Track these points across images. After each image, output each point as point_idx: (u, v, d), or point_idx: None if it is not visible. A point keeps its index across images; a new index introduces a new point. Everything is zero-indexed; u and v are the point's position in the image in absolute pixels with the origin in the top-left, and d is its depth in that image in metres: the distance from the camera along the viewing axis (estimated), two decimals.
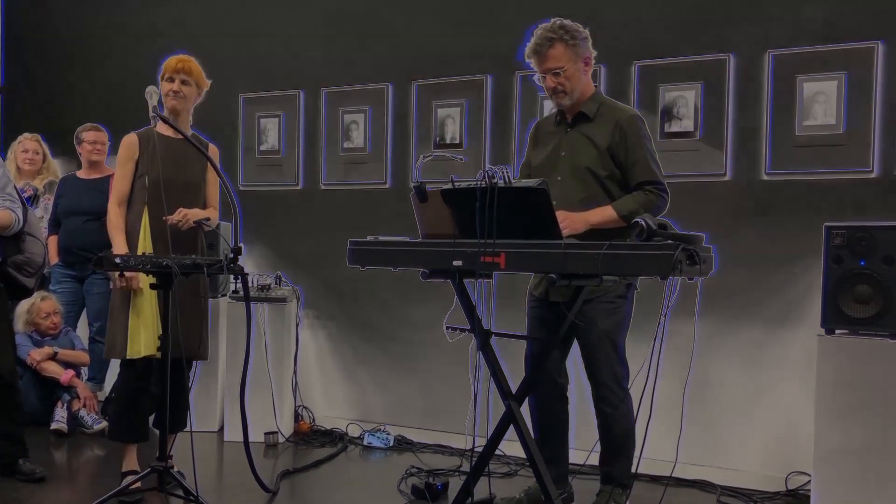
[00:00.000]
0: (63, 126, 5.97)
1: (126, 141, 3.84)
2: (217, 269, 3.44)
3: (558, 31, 3.40)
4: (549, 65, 3.42)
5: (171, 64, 3.86)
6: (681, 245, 2.63)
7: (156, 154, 3.77)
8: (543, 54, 3.42)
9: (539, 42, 3.42)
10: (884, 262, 3.45)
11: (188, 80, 3.83)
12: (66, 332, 5.28)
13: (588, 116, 3.48)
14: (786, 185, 4.14)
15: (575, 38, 3.41)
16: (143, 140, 3.84)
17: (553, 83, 3.44)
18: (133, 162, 3.81)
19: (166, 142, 3.81)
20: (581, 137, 3.48)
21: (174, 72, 3.83)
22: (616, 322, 3.47)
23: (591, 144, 3.45)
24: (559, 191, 3.43)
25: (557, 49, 3.40)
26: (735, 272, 4.14)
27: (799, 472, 3.97)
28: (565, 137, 3.54)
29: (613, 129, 3.42)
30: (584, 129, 3.49)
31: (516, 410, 3.19)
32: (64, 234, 5.23)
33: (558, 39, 3.39)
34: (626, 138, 3.41)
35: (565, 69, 3.41)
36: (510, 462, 4.38)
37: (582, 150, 3.47)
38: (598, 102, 3.51)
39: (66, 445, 4.79)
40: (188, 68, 3.86)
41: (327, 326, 5.36)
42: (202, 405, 4.97)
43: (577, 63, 3.42)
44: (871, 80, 3.94)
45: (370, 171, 5.23)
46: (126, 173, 3.80)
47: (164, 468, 3.48)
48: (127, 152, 3.81)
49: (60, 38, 6.45)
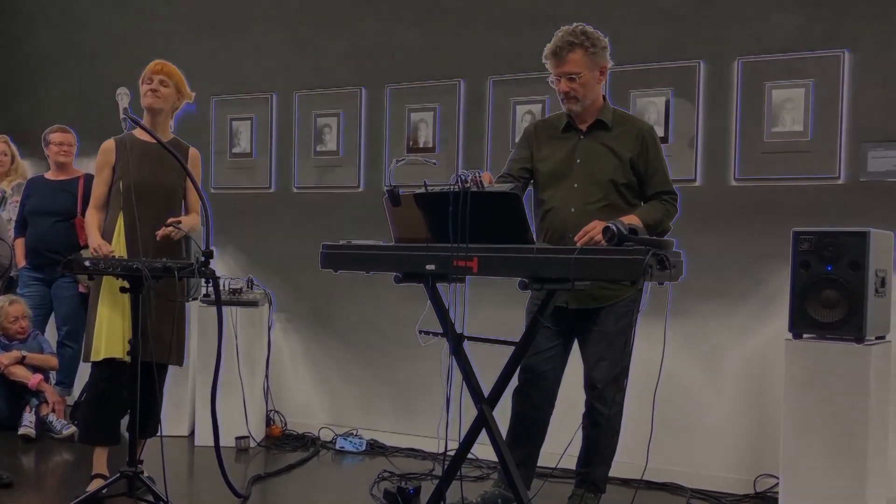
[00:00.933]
0: (32, 127, 5.91)
1: (103, 147, 3.82)
2: (188, 273, 3.41)
3: (580, 36, 3.39)
4: (566, 69, 3.41)
5: (150, 67, 3.85)
6: (651, 250, 2.66)
7: (132, 160, 3.74)
8: (562, 58, 3.40)
9: (559, 45, 3.41)
10: (850, 268, 3.49)
11: (166, 82, 3.80)
12: (34, 335, 5.22)
13: (606, 125, 3.49)
14: (754, 190, 4.19)
15: (595, 46, 3.41)
16: (119, 145, 3.81)
17: (567, 88, 3.42)
18: (110, 168, 3.79)
19: (143, 146, 3.78)
20: (599, 146, 3.49)
21: (153, 73, 3.81)
22: (625, 326, 3.47)
23: (612, 154, 3.47)
24: (576, 197, 3.46)
25: (577, 54, 3.39)
26: (704, 277, 4.18)
27: (767, 475, 4.02)
28: (580, 145, 3.52)
29: (636, 140, 3.45)
30: (601, 139, 3.49)
31: (488, 414, 3.20)
32: (32, 235, 5.17)
33: (579, 45, 3.38)
34: (648, 150, 3.46)
35: (581, 76, 3.40)
36: (482, 465, 4.39)
37: (602, 160, 3.47)
38: (612, 112, 3.54)
39: (34, 450, 4.73)
40: (167, 70, 3.84)
41: (299, 330, 5.34)
42: (172, 409, 4.93)
43: (593, 71, 3.43)
44: (837, 88, 4.00)
45: (343, 175, 5.23)
46: (104, 179, 3.79)
47: (133, 473, 3.45)
48: (103, 158, 3.80)
49: (28, 40, 6.38)
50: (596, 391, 3.49)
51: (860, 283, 3.47)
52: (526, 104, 4.65)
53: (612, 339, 3.46)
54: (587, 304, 3.46)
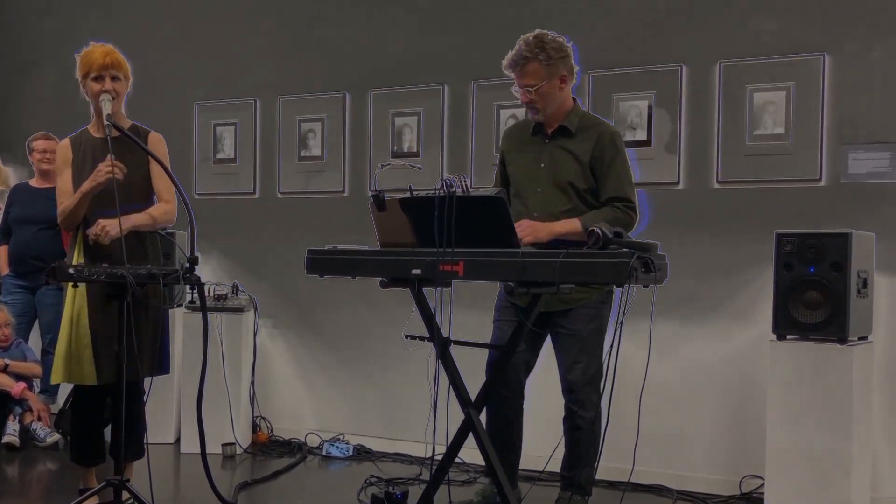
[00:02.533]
0: (15, 135, 5.88)
1: (59, 146, 3.69)
2: (173, 280, 3.39)
3: (535, 49, 3.42)
4: (524, 81, 3.45)
5: (96, 59, 3.50)
6: (636, 253, 2.68)
7: (86, 160, 3.57)
8: (520, 69, 3.45)
9: (515, 58, 3.45)
10: (832, 269, 3.52)
11: (118, 75, 3.52)
12: (17, 343, 5.18)
13: (570, 131, 3.51)
14: (737, 193, 4.22)
15: (550, 58, 3.42)
16: (74, 145, 3.64)
17: (527, 98, 3.47)
18: (69, 166, 3.61)
19: (96, 144, 3.59)
20: (562, 151, 3.51)
21: (102, 68, 3.49)
22: (597, 328, 3.51)
23: (573, 158, 3.49)
24: (540, 202, 3.48)
25: (533, 66, 3.42)
26: (688, 279, 4.21)
27: (753, 476, 4.04)
28: (545, 149, 3.56)
29: (595, 144, 3.46)
30: (564, 143, 3.52)
31: (475, 418, 3.20)
32: (15, 243, 5.14)
33: (533, 59, 3.41)
34: (604, 153, 3.46)
35: (538, 87, 3.43)
36: (469, 469, 4.39)
37: (564, 164, 3.50)
38: (579, 116, 3.54)
39: (18, 460, 4.70)
40: (117, 61, 3.52)
41: (285, 336, 5.33)
42: (158, 417, 4.91)
43: (551, 81, 3.44)
44: (818, 91, 4.04)
45: (328, 180, 5.23)
46: (66, 177, 3.60)
47: (119, 482, 3.43)
48: (62, 157, 3.63)
49: (9, 46, 6.35)
50: (573, 395, 3.51)
51: (843, 284, 3.50)
52: (510, 108, 4.66)
53: (584, 342, 3.48)
54: (555, 307, 3.47)
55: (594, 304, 3.47)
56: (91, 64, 3.50)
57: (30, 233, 5.09)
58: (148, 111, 5.36)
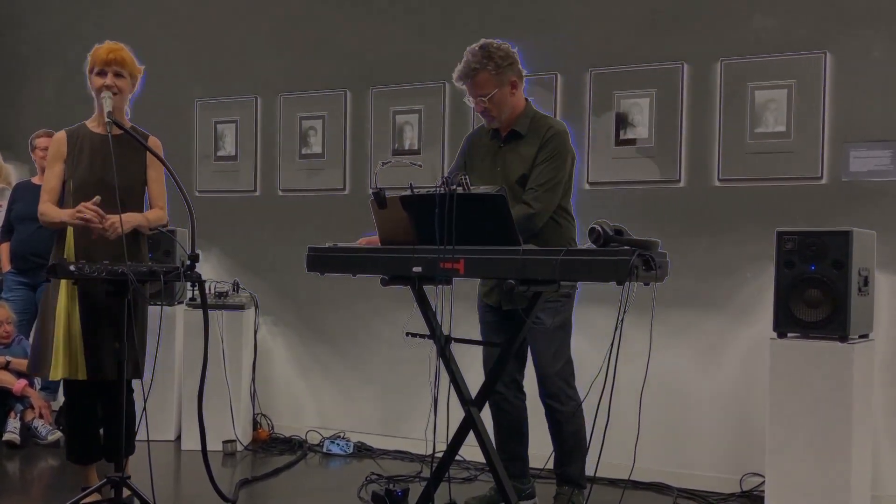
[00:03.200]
0: (16, 132, 5.88)
1: (55, 138, 3.64)
2: (174, 277, 3.39)
3: (482, 60, 3.47)
4: (476, 91, 3.51)
5: (100, 55, 3.48)
6: (637, 251, 2.68)
7: (83, 155, 3.54)
8: (470, 81, 3.51)
9: (465, 70, 3.51)
10: (833, 267, 3.52)
11: (122, 73, 3.50)
12: (18, 340, 5.18)
13: (520, 134, 3.57)
14: (737, 191, 4.22)
15: (499, 66, 3.48)
16: (71, 138, 3.58)
17: (481, 107, 3.54)
18: (62, 161, 3.56)
19: (94, 140, 3.56)
20: (513, 154, 3.58)
21: (105, 64, 3.46)
22: (562, 321, 3.59)
23: (522, 160, 3.54)
24: None
25: (482, 76, 3.48)
26: (689, 277, 4.20)
27: (753, 474, 4.04)
28: (499, 153, 3.62)
29: (540, 143, 3.51)
30: (515, 146, 3.58)
31: (475, 416, 3.21)
32: (17, 240, 5.15)
33: (482, 69, 3.47)
34: (542, 150, 3.50)
35: (490, 95, 3.48)
36: (470, 467, 4.39)
37: (514, 167, 3.55)
38: (529, 118, 3.59)
39: (19, 457, 4.70)
40: (121, 58, 3.49)
41: (285, 333, 5.33)
42: (158, 414, 4.90)
43: (503, 87, 3.50)
44: (819, 89, 4.03)
45: (328, 178, 5.22)
46: (56, 173, 3.56)
47: (120, 479, 3.43)
48: (55, 150, 3.58)
49: (12, 43, 6.34)
50: (545, 388, 3.57)
51: (843, 282, 3.50)
52: None
53: (551, 334, 3.53)
54: (521, 304, 3.45)
55: (556, 298, 3.47)
56: (96, 59, 3.51)
57: (31, 230, 5.09)
58: (148, 109, 5.36)
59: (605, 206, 4.35)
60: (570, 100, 4.55)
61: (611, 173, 4.45)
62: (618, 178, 4.44)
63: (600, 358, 2.96)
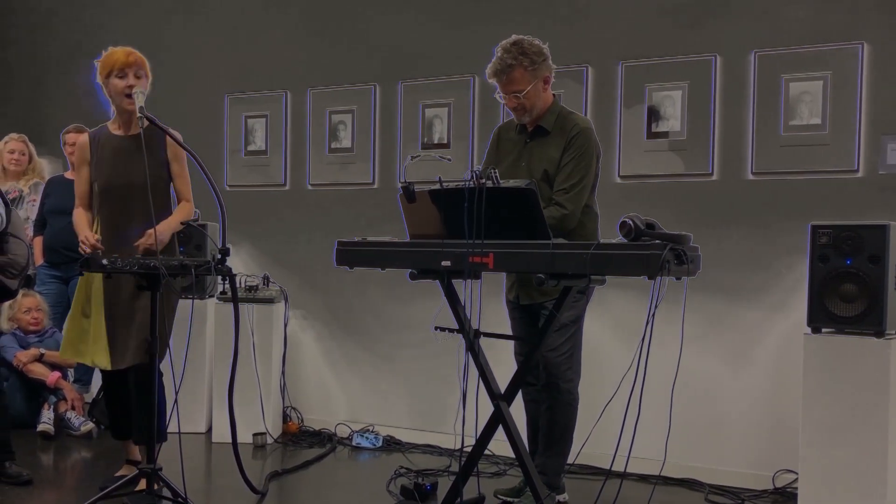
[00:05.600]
0: (49, 127, 5.95)
1: (79, 143, 3.76)
2: (205, 270, 3.42)
3: (518, 56, 3.47)
4: (510, 88, 3.50)
5: (119, 58, 3.58)
6: (668, 245, 2.65)
7: (106, 158, 3.64)
8: (504, 78, 3.50)
9: (499, 67, 3.50)
10: (869, 261, 3.47)
11: (141, 73, 3.61)
12: (52, 333, 5.25)
13: (546, 130, 3.57)
14: (771, 184, 4.16)
15: (534, 63, 3.48)
16: (93, 142, 3.70)
17: (514, 103, 3.53)
18: (87, 165, 3.71)
19: (115, 143, 3.67)
20: (539, 150, 3.57)
21: (126, 66, 3.57)
22: (574, 316, 3.57)
23: (548, 157, 3.53)
24: None
25: (517, 73, 3.48)
26: (722, 271, 4.16)
27: (786, 471, 3.99)
28: (525, 149, 3.62)
29: (566, 138, 3.51)
30: (542, 142, 3.58)
31: (504, 410, 3.20)
32: (49, 233, 5.21)
33: (517, 65, 3.47)
34: (568, 149, 3.49)
35: (525, 91, 3.48)
36: (499, 462, 4.38)
37: (538, 163, 3.55)
38: (555, 114, 3.59)
39: (53, 448, 4.76)
40: (140, 60, 3.61)
41: (315, 327, 5.35)
42: (190, 407, 4.95)
43: (536, 84, 3.50)
44: (855, 81, 3.96)
45: (357, 172, 5.23)
46: (84, 178, 3.72)
47: (152, 470, 3.46)
48: (80, 155, 3.73)
49: (44, 39, 6.41)
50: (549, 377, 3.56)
51: (880, 276, 3.44)
52: None
53: (560, 329, 3.50)
54: (539, 300, 3.54)
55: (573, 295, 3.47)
56: (114, 63, 3.59)
57: (63, 224, 5.12)
58: (179, 104, 5.41)
59: (636, 199, 4.31)
60: (601, 92, 4.51)
61: (642, 167, 4.41)
62: (649, 171, 4.40)
63: (630, 352, 2.94)
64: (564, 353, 3.56)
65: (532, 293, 3.56)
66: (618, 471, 3.53)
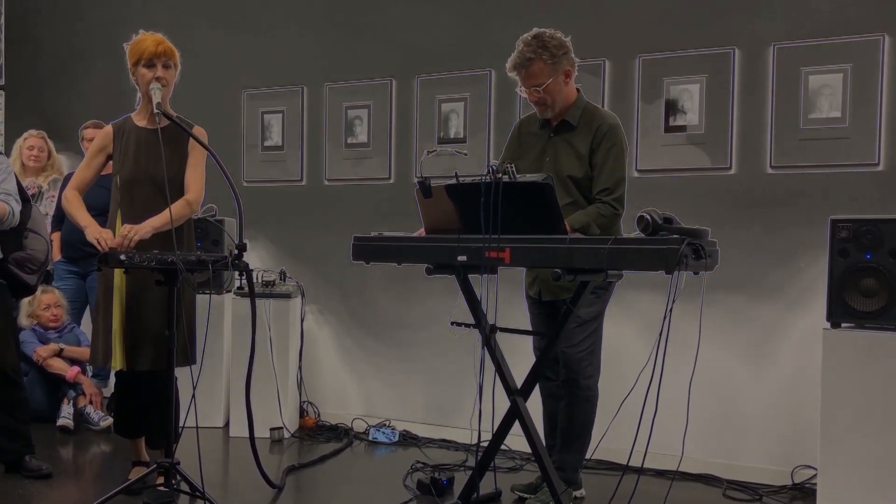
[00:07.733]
0: (67, 123, 5.98)
1: (103, 131, 3.71)
2: (222, 266, 3.43)
3: (538, 49, 3.44)
4: (530, 81, 3.48)
5: (148, 47, 3.49)
6: (686, 239, 2.64)
7: (129, 150, 3.59)
8: (525, 71, 3.47)
9: (519, 60, 3.48)
10: (890, 256, 3.44)
11: (169, 64, 3.54)
12: (70, 328, 5.29)
13: (571, 125, 3.54)
14: (790, 178, 4.13)
15: (555, 56, 3.45)
16: (117, 133, 3.64)
17: (535, 97, 3.51)
18: (104, 154, 3.65)
19: (139, 135, 3.61)
20: (564, 144, 3.54)
21: (154, 56, 3.49)
22: (595, 312, 3.55)
23: (574, 152, 3.51)
24: None
25: (537, 66, 3.45)
26: (740, 266, 4.13)
27: (805, 466, 3.97)
28: (549, 143, 3.59)
29: (594, 136, 3.48)
30: (567, 137, 3.55)
31: (521, 405, 3.19)
32: (67, 229, 5.23)
33: (537, 59, 3.44)
34: (601, 144, 3.46)
35: (546, 85, 3.45)
36: (515, 456, 4.38)
37: (565, 157, 3.53)
38: (581, 108, 3.56)
39: (72, 442, 4.80)
40: (170, 49, 3.53)
41: (331, 322, 5.36)
42: (207, 402, 4.97)
43: (557, 77, 3.47)
44: (876, 73, 3.92)
45: (373, 167, 5.23)
46: (93, 163, 3.65)
47: (170, 464, 3.48)
48: (100, 143, 3.66)
49: (61, 35, 6.45)
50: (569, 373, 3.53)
51: None
52: None
53: (583, 323, 3.50)
54: (560, 296, 3.51)
55: (593, 290, 3.46)
56: (143, 51, 3.51)
57: None
58: (196, 99, 5.42)
59: (654, 193, 4.29)
60: (619, 86, 4.49)
61: (660, 161, 4.39)
62: (667, 165, 4.37)
63: (647, 346, 2.93)
64: (584, 350, 3.54)
65: (554, 289, 3.54)
66: (635, 466, 3.53)
